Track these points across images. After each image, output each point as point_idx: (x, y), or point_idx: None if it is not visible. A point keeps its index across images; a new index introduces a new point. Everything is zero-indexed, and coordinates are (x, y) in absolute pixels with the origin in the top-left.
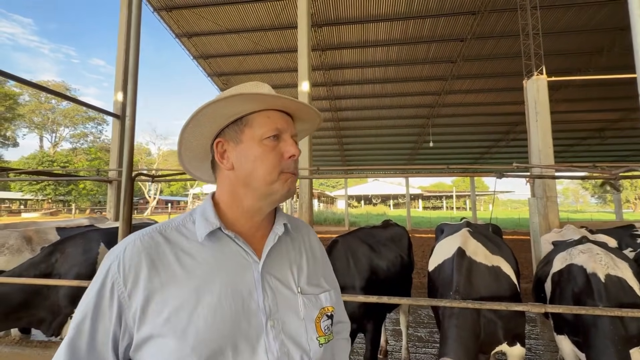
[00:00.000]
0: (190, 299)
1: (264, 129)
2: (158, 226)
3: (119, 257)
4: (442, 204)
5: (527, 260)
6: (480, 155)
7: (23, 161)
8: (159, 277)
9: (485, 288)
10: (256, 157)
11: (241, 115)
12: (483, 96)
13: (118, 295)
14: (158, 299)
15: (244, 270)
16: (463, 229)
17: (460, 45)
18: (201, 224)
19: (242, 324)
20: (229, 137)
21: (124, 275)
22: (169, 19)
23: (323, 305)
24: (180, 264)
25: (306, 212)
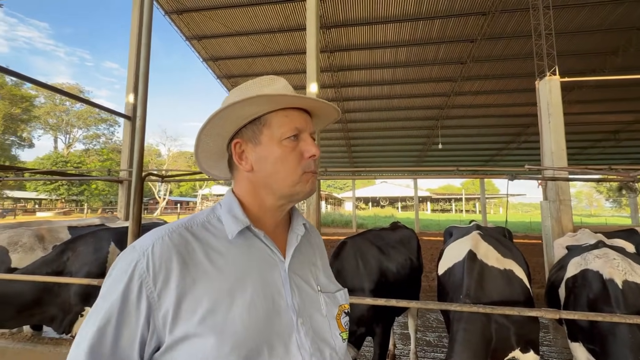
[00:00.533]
0: (225, 298)
1: (283, 129)
2: (183, 223)
3: (147, 254)
4: (451, 207)
5: (540, 265)
6: (491, 158)
7: (38, 161)
8: (190, 276)
9: (497, 292)
10: (276, 159)
11: (259, 115)
12: (494, 97)
13: (147, 296)
14: (191, 298)
15: (271, 269)
16: (473, 231)
17: (470, 46)
18: (230, 221)
19: (274, 322)
20: (247, 138)
21: (154, 274)
22: (179, 22)
23: (340, 302)
24: (210, 262)
25: (314, 214)
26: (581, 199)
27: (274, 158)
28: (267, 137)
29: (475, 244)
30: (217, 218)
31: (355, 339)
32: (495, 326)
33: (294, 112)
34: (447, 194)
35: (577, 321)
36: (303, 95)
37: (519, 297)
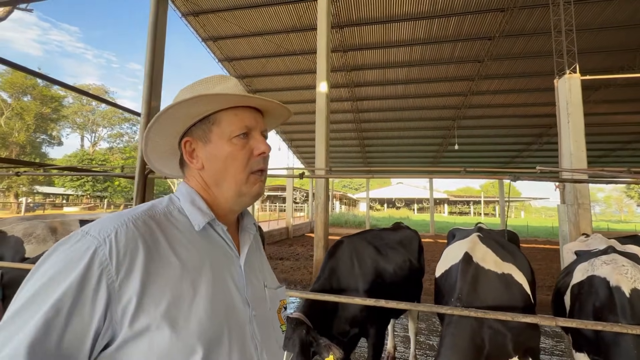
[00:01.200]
0: (189, 289)
1: (232, 127)
2: (145, 210)
3: (110, 240)
4: (469, 210)
5: (558, 271)
6: (511, 159)
7: (66, 159)
8: (155, 266)
9: (492, 297)
10: (226, 157)
11: (208, 114)
12: (513, 97)
13: (107, 285)
14: (155, 288)
15: (229, 263)
16: (473, 234)
17: (488, 44)
18: (196, 213)
19: (233, 314)
20: (197, 136)
21: (117, 262)
22: (195, 24)
23: (281, 298)
24: (174, 253)
25: (322, 213)
26: (610, 204)
27: (223, 156)
28: (217, 135)
29: (473, 246)
30: (177, 209)
31: (348, 339)
32: (490, 332)
33: (243, 111)
34: (465, 196)
35: (581, 330)
36: (250, 95)
37: (516, 303)
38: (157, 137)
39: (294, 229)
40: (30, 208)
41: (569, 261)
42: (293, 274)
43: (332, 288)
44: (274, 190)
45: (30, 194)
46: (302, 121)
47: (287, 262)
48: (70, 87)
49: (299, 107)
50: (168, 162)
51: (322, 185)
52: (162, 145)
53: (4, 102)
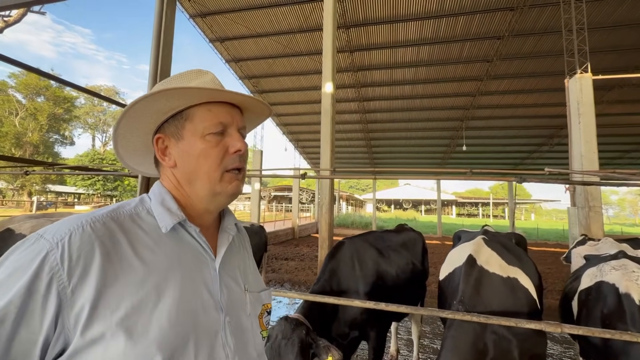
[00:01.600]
0: (151, 295)
1: (206, 123)
2: (107, 212)
3: (62, 244)
4: (477, 211)
5: (569, 275)
6: (521, 161)
7: (78, 158)
8: (113, 270)
9: (497, 301)
10: (199, 154)
11: (180, 109)
12: (523, 97)
13: (58, 292)
14: (112, 294)
15: (201, 266)
16: (478, 236)
17: (497, 44)
18: (164, 214)
19: (201, 320)
20: (169, 133)
21: (69, 267)
22: (203, 25)
23: (264, 302)
24: (137, 256)
25: (326, 214)
26: (624, 206)
27: (196, 153)
28: (190, 132)
29: (477, 249)
30: (146, 210)
31: (348, 342)
32: (494, 337)
33: (218, 107)
34: (473, 198)
35: (589, 338)
36: (224, 90)
37: (522, 308)
38: (127, 134)
39: (300, 230)
40: (43, 206)
41: (578, 266)
42: (297, 275)
43: (332, 290)
44: (280, 190)
45: (43, 193)
46: (309, 122)
47: (292, 263)
48: (79, 88)
49: (306, 107)
50: (142, 160)
51: (327, 186)
52: (134, 142)
53: (19, 102)
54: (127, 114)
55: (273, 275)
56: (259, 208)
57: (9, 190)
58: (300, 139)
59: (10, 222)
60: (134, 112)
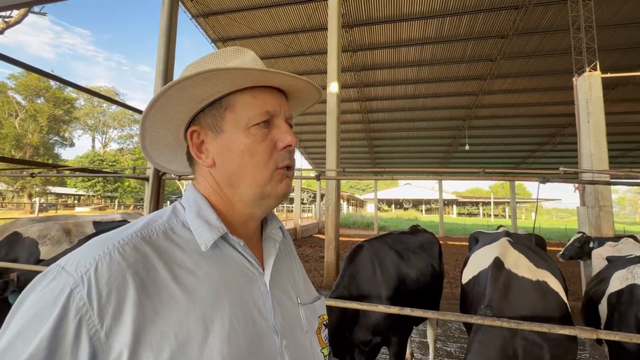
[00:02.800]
0: (198, 328)
1: (251, 113)
2: (136, 231)
3: (87, 278)
4: (478, 211)
5: (575, 275)
6: (523, 160)
7: (77, 160)
8: (151, 304)
9: (527, 306)
10: (243, 151)
11: (219, 96)
12: (526, 96)
13: (90, 337)
14: (154, 333)
15: (250, 285)
16: (502, 238)
17: (501, 42)
18: (203, 228)
19: (257, 349)
20: (206, 125)
21: (100, 306)
22: (205, 25)
23: (319, 313)
24: (178, 283)
25: (332, 215)
26: (624, 205)
27: (239, 150)
28: (231, 124)
29: (504, 251)
30: (181, 223)
31: (369, 349)
32: (524, 343)
33: (264, 92)
34: (474, 197)
35: (623, 343)
36: (275, 70)
37: (553, 313)
38: (156, 127)
39: (302, 230)
40: (43, 208)
41: (599, 267)
42: None
43: (352, 295)
44: None
45: (43, 194)
46: (311, 122)
47: None
48: (82, 89)
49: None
50: (173, 157)
51: (333, 187)
52: (163, 137)
53: (19, 104)
54: (157, 102)
55: None
56: None
57: (8, 192)
58: (302, 139)
59: (14, 225)
60: (165, 100)
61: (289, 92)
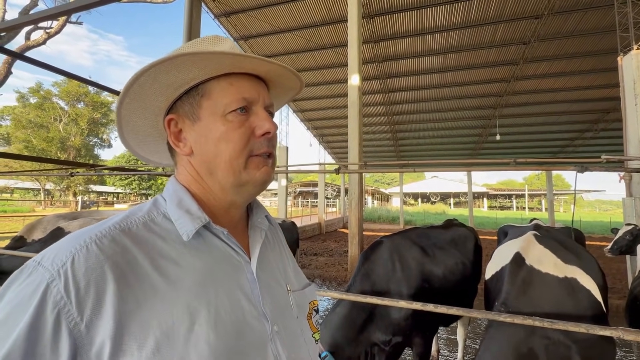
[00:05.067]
0: (183, 317)
1: (227, 99)
2: (117, 223)
3: (64, 272)
4: (511, 204)
5: (620, 272)
6: (561, 149)
7: (115, 160)
8: (133, 295)
9: (550, 303)
10: (219, 138)
11: (195, 84)
12: (564, 80)
13: (70, 330)
14: (137, 324)
15: (236, 273)
16: (528, 232)
17: (535, 24)
18: (184, 218)
19: (246, 336)
20: (183, 113)
21: (79, 298)
22: (227, 24)
23: (310, 299)
24: (160, 273)
25: (356, 209)
26: None
27: (216, 137)
28: (208, 111)
29: (526, 246)
30: (162, 215)
31: (392, 347)
32: (545, 342)
33: (242, 79)
34: (507, 189)
35: None
36: (248, 54)
37: (583, 311)
38: (134, 116)
39: (326, 225)
40: (86, 205)
41: None
42: (328, 270)
43: (374, 288)
44: (305, 186)
45: (85, 193)
46: (333, 116)
47: (321, 258)
48: (116, 92)
49: (330, 101)
50: (156, 147)
51: (356, 181)
52: (142, 126)
53: (62, 109)
54: (130, 90)
55: (304, 271)
56: (286, 204)
57: (56, 191)
58: (324, 133)
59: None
60: (139, 88)
61: (269, 80)
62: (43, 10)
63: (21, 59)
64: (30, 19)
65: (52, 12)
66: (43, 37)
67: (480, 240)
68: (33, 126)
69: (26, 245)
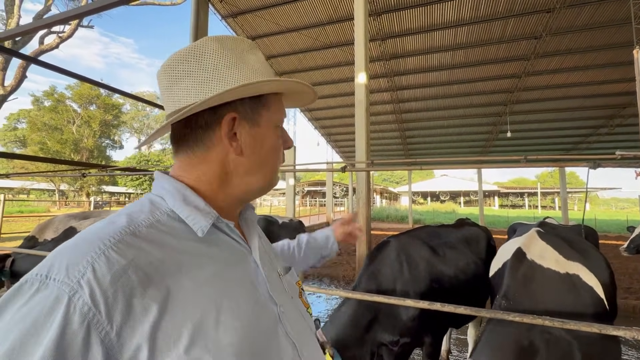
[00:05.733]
0: (210, 309)
1: (279, 115)
2: (122, 229)
3: (87, 281)
4: (523, 202)
5: (638, 272)
6: (574, 146)
7: (126, 160)
8: (161, 295)
9: (552, 299)
10: (271, 147)
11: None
12: (577, 75)
13: (101, 340)
14: (169, 322)
15: (244, 262)
16: (533, 228)
17: (547, 18)
18: (195, 214)
19: (262, 319)
20: (244, 115)
21: (107, 307)
22: (234, 25)
23: (295, 280)
24: (181, 270)
25: (364, 207)
26: None
27: (269, 145)
28: (266, 121)
29: (528, 242)
30: (166, 214)
31: (400, 348)
32: (547, 337)
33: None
34: (518, 187)
35: None
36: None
37: (584, 309)
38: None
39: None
40: (99, 205)
41: None
42: (335, 270)
43: (381, 288)
44: (313, 185)
45: (98, 193)
46: (341, 115)
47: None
48: (126, 94)
49: (337, 100)
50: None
51: (363, 179)
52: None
53: (75, 112)
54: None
55: (311, 270)
56: (294, 203)
57: (70, 191)
58: (332, 132)
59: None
60: None
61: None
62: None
63: (35, 63)
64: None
65: (64, 15)
66: (56, 41)
67: (493, 240)
68: (48, 128)
69: (38, 244)
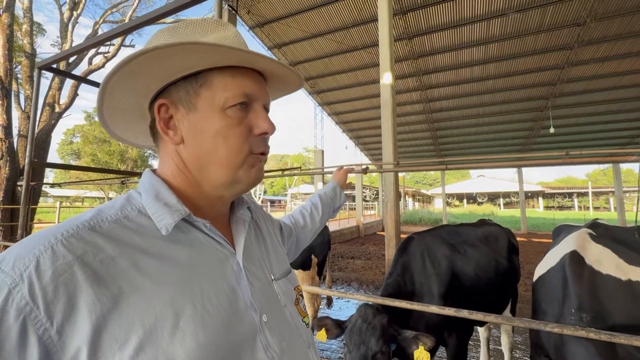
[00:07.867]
0: (167, 314)
1: (228, 93)
2: (85, 221)
3: (28, 275)
4: (572, 203)
5: None
6: (630, 140)
7: None
8: (110, 294)
9: (618, 310)
10: (217, 133)
11: (196, 71)
12: (629, 63)
13: (39, 337)
14: (116, 324)
15: (221, 265)
16: (582, 229)
17: (591, 1)
18: (162, 211)
19: (236, 328)
20: (177, 100)
21: (46, 303)
22: (261, 35)
23: (294, 285)
24: (138, 269)
25: (391, 210)
26: None
27: (213, 131)
28: (206, 102)
29: (582, 244)
30: (137, 210)
31: None
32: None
33: (244, 74)
34: (566, 187)
35: None
36: (260, 54)
37: None
38: (118, 94)
39: (365, 227)
40: None
41: None
42: (364, 274)
43: (406, 286)
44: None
45: None
46: (369, 117)
47: (358, 261)
48: None
49: (364, 102)
50: (132, 126)
51: (391, 181)
52: (125, 104)
53: None
54: (121, 70)
55: (340, 274)
56: None
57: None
58: (360, 135)
59: None
60: (131, 68)
61: (269, 77)
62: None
63: (85, 82)
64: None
65: (107, 35)
66: (102, 61)
67: (516, 239)
68: (98, 141)
69: None
